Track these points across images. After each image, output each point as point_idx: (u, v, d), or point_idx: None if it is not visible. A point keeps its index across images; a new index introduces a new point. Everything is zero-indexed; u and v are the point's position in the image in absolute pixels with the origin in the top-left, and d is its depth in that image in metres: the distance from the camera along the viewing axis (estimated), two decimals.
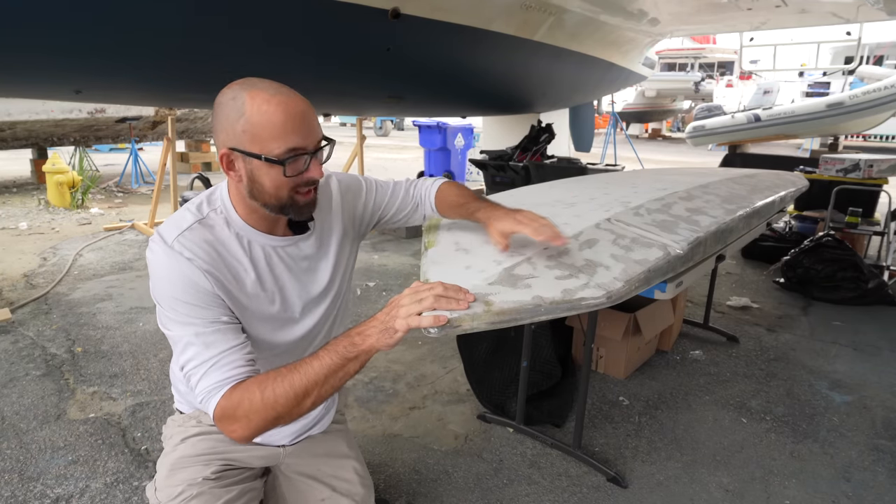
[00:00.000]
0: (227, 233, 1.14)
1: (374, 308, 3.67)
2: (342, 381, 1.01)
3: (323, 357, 0.99)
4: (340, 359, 0.98)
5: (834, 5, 5.57)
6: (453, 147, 9.22)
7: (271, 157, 1.03)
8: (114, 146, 11.84)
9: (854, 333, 3.44)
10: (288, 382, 0.98)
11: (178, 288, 1.05)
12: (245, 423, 1.00)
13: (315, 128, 1.08)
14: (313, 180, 1.09)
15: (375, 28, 3.55)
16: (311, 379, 0.98)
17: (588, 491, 1.99)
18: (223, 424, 1.02)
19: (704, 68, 20.98)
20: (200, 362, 1.03)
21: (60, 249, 4.93)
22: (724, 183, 2.50)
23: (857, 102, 8.17)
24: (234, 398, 1.00)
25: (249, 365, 1.06)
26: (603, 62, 6.43)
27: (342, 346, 0.99)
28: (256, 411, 0.99)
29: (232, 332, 1.08)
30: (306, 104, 1.07)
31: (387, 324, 0.97)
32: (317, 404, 1.01)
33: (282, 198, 1.08)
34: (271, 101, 1.02)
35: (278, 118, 1.02)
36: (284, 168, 1.04)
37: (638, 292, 1.32)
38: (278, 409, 0.99)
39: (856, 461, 2.19)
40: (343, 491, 1.37)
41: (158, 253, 1.08)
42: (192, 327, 1.05)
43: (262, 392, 0.99)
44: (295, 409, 0.99)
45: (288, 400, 0.98)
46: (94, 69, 3.10)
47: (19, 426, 2.27)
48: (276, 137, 1.03)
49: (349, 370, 1.00)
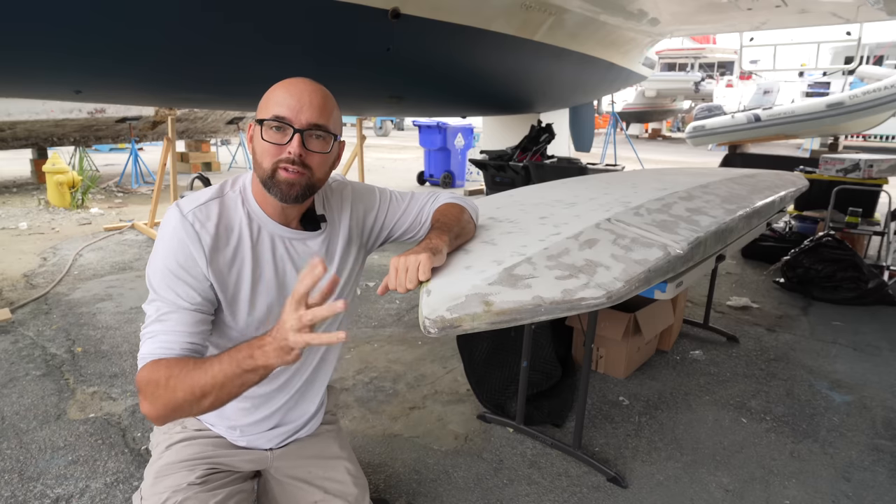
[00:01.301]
0: (240, 214, 1.17)
1: (374, 308, 3.67)
2: (241, 389, 1.00)
3: (224, 362, 0.98)
4: (238, 369, 0.97)
5: (834, 5, 5.57)
6: (453, 147, 9.22)
7: (257, 118, 1.11)
8: (114, 146, 11.85)
9: (854, 333, 3.44)
10: (189, 378, 0.99)
11: (170, 259, 1.09)
12: (151, 403, 1.01)
13: (312, 110, 1.10)
14: (290, 158, 1.10)
15: (375, 28, 3.55)
16: (209, 382, 0.98)
17: (588, 491, 1.98)
18: (140, 399, 1.04)
19: (704, 68, 20.99)
20: (147, 332, 1.07)
21: (60, 249, 4.93)
22: (724, 183, 2.50)
23: (857, 102, 8.18)
24: (146, 373, 1.02)
25: (183, 351, 1.06)
26: (603, 62, 6.44)
27: (242, 356, 0.97)
28: (159, 394, 1.00)
29: (189, 316, 1.09)
30: (315, 89, 1.12)
31: (280, 343, 0.93)
32: (217, 405, 1.01)
33: (265, 168, 1.11)
34: (286, 80, 1.12)
35: (279, 89, 1.12)
36: (262, 130, 1.10)
37: (638, 292, 1.32)
38: (177, 399, 0.99)
39: (856, 461, 2.19)
40: (335, 492, 1.36)
41: (171, 219, 1.12)
42: (159, 301, 1.09)
43: (167, 377, 1.00)
44: (195, 405, 1.00)
45: (186, 395, 0.99)
46: (94, 69, 3.11)
47: (19, 426, 2.27)
48: (269, 102, 1.11)
49: (246, 381, 0.99)
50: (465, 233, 1.40)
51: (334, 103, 1.16)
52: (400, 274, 1.14)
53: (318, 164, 1.13)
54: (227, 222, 1.15)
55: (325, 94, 1.13)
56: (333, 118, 1.15)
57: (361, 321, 3.45)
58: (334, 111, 1.15)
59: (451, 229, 1.32)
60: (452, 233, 1.31)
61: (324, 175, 1.17)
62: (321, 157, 1.13)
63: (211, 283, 1.12)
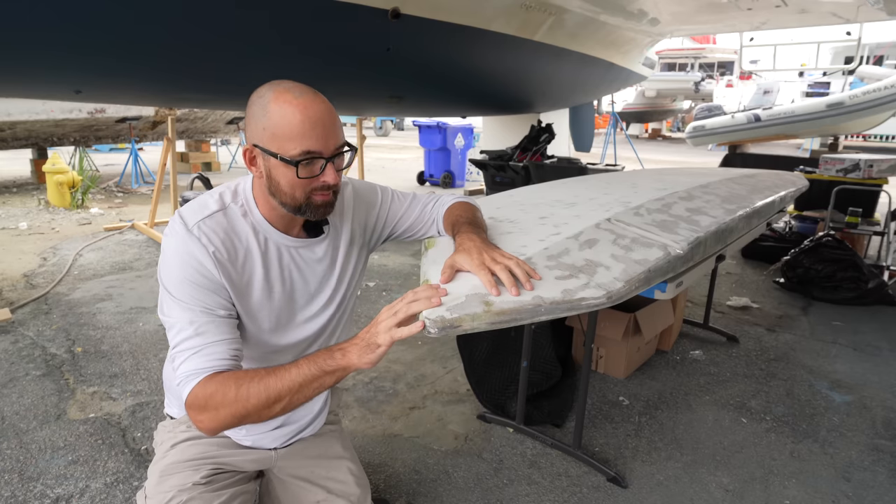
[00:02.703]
0: (245, 227, 1.17)
1: (374, 308, 3.67)
2: (315, 392, 1.02)
3: (302, 366, 1.00)
4: (318, 371, 0.99)
5: (834, 5, 5.57)
6: (453, 147, 9.22)
7: (286, 157, 1.05)
8: (114, 146, 11.85)
9: (854, 333, 3.44)
10: (263, 385, 1.00)
11: (188, 270, 1.08)
12: (213, 415, 1.01)
13: (334, 133, 1.08)
14: (328, 185, 1.10)
15: (375, 28, 3.56)
16: (286, 385, 0.99)
17: (588, 491, 1.99)
18: (192, 412, 1.03)
19: (704, 68, 20.99)
20: (188, 347, 1.05)
21: (60, 249, 4.93)
22: (724, 183, 2.50)
23: (857, 102, 8.18)
24: (208, 388, 1.01)
25: (233, 360, 1.07)
26: (603, 62, 6.44)
27: (322, 359, 1.00)
28: (227, 405, 1.00)
29: (225, 324, 1.09)
30: (328, 109, 1.08)
31: (368, 340, 0.98)
32: (286, 410, 1.03)
33: (297, 198, 1.10)
34: (293, 102, 1.04)
35: (296, 120, 1.04)
36: (297, 169, 1.06)
37: (638, 292, 1.31)
38: (248, 407, 1.00)
39: (856, 461, 2.19)
40: (338, 492, 1.37)
41: (177, 234, 1.10)
42: (189, 313, 1.07)
43: (237, 388, 1.00)
44: (265, 411, 1.01)
45: (259, 401, 0.99)
46: (95, 69, 3.11)
47: (19, 426, 2.27)
48: (293, 139, 1.04)
49: (324, 383, 1.01)
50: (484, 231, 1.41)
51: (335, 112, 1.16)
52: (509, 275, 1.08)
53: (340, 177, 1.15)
54: (233, 235, 1.15)
55: (331, 107, 1.10)
56: (343, 129, 1.15)
57: (361, 321, 3.46)
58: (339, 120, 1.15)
59: (481, 226, 1.33)
60: (481, 229, 1.32)
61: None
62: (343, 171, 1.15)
63: (229, 293, 1.13)
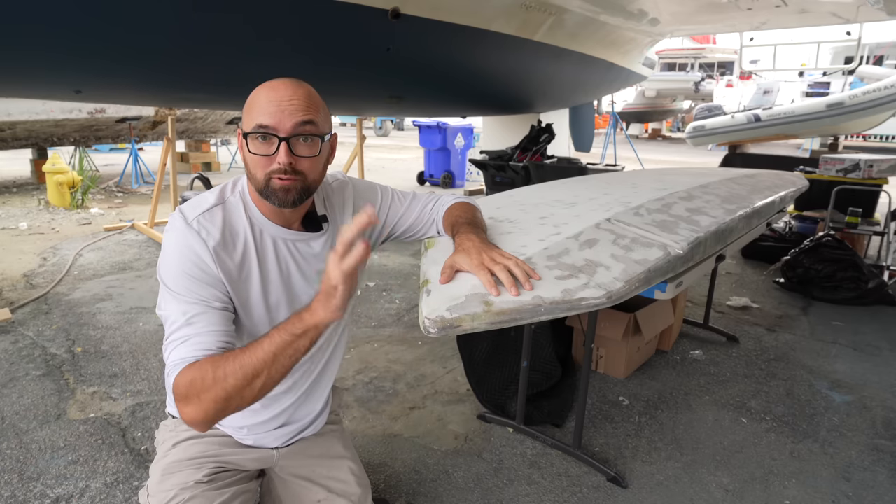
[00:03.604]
0: (242, 219, 1.17)
1: (374, 308, 3.67)
2: (292, 360, 0.99)
3: (273, 336, 0.99)
4: (289, 336, 0.97)
5: (834, 5, 5.57)
6: (453, 147, 9.22)
7: (243, 130, 1.08)
8: (114, 146, 11.85)
9: (854, 333, 3.44)
10: (238, 362, 0.98)
11: (186, 263, 1.08)
12: (197, 404, 0.98)
13: (294, 114, 1.06)
14: (281, 168, 1.07)
15: (375, 28, 3.55)
16: (261, 358, 0.97)
17: (588, 491, 1.98)
18: (179, 405, 1.01)
19: (704, 68, 20.98)
20: (177, 337, 1.05)
21: (60, 249, 4.93)
22: (724, 183, 2.50)
23: (857, 102, 8.17)
24: (188, 375, 1.00)
25: (220, 351, 1.04)
26: (603, 62, 6.44)
27: (290, 324, 0.98)
28: (206, 389, 0.97)
29: (219, 316, 1.08)
30: (297, 91, 1.07)
31: (325, 290, 0.95)
32: (267, 387, 1.00)
33: (259, 179, 1.10)
34: (266, 84, 1.08)
35: (258, 95, 1.08)
36: (247, 142, 1.07)
37: (638, 292, 1.31)
38: (228, 388, 0.97)
39: (856, 461, 2.19)
40: (339, 491, 1.37)
41: (177, 228, 1.12)
42: (184, 304, 1.07)
43: (213, 371, 0.98)
44: (246, 390, 0.98)
45: (237, 380, 0.97)
46: (94, 69, 3.11)
47: (19, 426, 2.27)
48: (251, 113, 1.07)
49: (298, 348, 0.98)
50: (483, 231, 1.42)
51: (319, 100, 1.12)
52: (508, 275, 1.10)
53: (310, 167, 1.11)
54: (231, 228, 1.15)
55: (307, 93, 1.09)
56: (320, 117, 1.10)
57: (361, 321, 3.45)
58: (320, 110, 1.11)
59: (480, 226, 1.33)
60: (481, 230, 1.32)
61: (318, 175, 1.15)
62: (311, 160, 1.11)
63: (225, 287, 1.12)
